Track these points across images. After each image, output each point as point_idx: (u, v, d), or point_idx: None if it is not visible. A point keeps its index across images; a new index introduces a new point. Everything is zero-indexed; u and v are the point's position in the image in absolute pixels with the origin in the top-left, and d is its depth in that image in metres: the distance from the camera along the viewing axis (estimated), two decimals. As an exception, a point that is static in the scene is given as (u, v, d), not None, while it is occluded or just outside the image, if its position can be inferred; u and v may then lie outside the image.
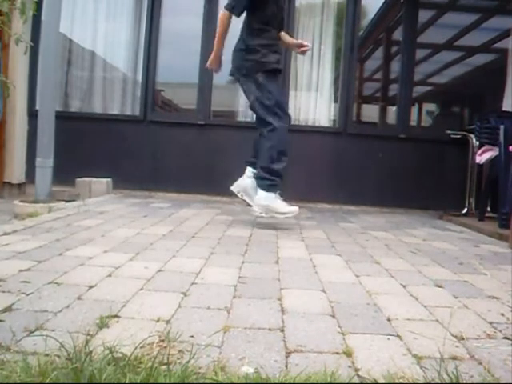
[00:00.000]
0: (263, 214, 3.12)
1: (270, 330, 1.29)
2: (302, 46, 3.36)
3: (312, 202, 4.78)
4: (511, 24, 4.96)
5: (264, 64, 3.06)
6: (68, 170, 4.28)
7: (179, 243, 2.43)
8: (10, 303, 1.38)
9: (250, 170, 3.22)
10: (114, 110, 5.19)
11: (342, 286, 1.79)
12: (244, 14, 3.11)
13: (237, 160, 3.41)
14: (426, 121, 8.80)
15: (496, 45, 6.32)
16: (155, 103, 5.30)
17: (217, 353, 1.12)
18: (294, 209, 3.12)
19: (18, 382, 0.91)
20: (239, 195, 3.24)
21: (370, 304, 1.58)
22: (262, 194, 3.09)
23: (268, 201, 3.07)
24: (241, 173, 3.26)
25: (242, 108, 5.09)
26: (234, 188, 3.25)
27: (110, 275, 1.75)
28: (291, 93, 5.08)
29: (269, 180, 3.08)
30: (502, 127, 3.96)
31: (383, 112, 7.16)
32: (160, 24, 5.03)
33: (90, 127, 4.94)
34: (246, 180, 3.21)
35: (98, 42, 5.23)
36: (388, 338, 1.28)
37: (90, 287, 1.59)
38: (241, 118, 5.19)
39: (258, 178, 3.13)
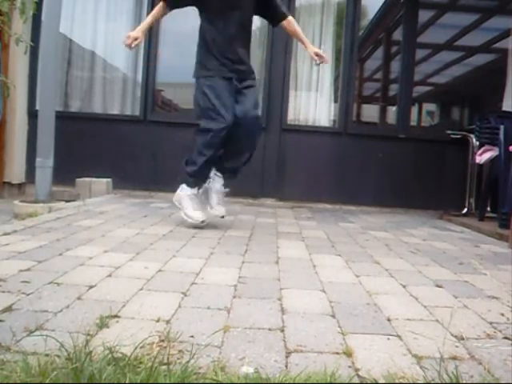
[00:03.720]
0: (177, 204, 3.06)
1: (269, 329, 1.29)
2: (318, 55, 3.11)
3: (312, 202, 4.78)
4: (511, 24, 4.96)
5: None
6: (68, 169, 4.28)
7: (179, 243, 2.43)
8: (10, 303, 1.38)
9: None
10: (114, 110, 5.18)
11: (342, 286, 1.79)
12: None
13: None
14: (426, 121, 8.82)
15: (496, 45, 6.34)
16: (155, 103, 5.29)
17: (217, 353, 1.12)
18: (197, 216, 2.93)
19: (18, 381, 0.91)
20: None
21: (370, 304, 1.58)
22: (182, 185, 3.04)
23: (179, 196, 3.02)
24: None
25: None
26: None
27: (110, 275, 1.75)
28: (291, 93, 5.07)
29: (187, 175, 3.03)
30: (502, 127, 3.96)
31: (383, 112, 7.17)
32: (160, 24, 5.02)
33: (89, 127, 4.94)
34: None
35: (98, 42, 5.22)
36: (388, 338, 1.28)
37: (90, 287, 1.59)
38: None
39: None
